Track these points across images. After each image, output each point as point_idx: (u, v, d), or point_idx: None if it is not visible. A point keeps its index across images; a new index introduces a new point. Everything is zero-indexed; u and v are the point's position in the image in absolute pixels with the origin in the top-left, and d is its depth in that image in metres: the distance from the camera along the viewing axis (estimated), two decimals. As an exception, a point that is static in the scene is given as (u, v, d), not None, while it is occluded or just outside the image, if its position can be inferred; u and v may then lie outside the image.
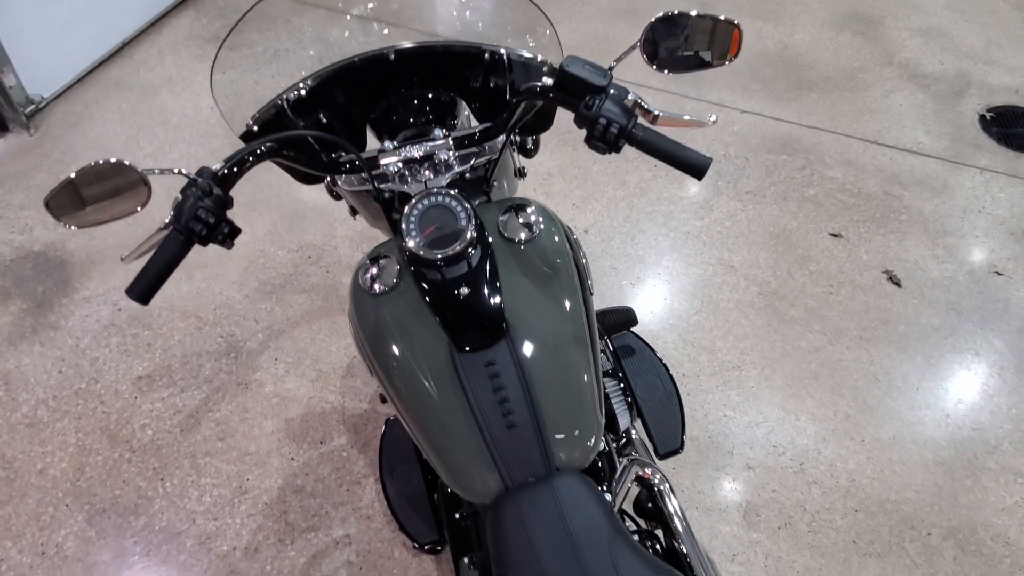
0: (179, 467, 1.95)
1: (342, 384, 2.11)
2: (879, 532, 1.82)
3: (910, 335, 2.22)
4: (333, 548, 1.80)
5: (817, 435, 2.00)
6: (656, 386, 1.70)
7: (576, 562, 1.03)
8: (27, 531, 1.84)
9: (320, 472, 1.93)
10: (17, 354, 2.20)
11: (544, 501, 1.08)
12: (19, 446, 2.00)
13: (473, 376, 1.10)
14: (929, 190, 2.65)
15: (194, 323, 2.27)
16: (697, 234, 2.53)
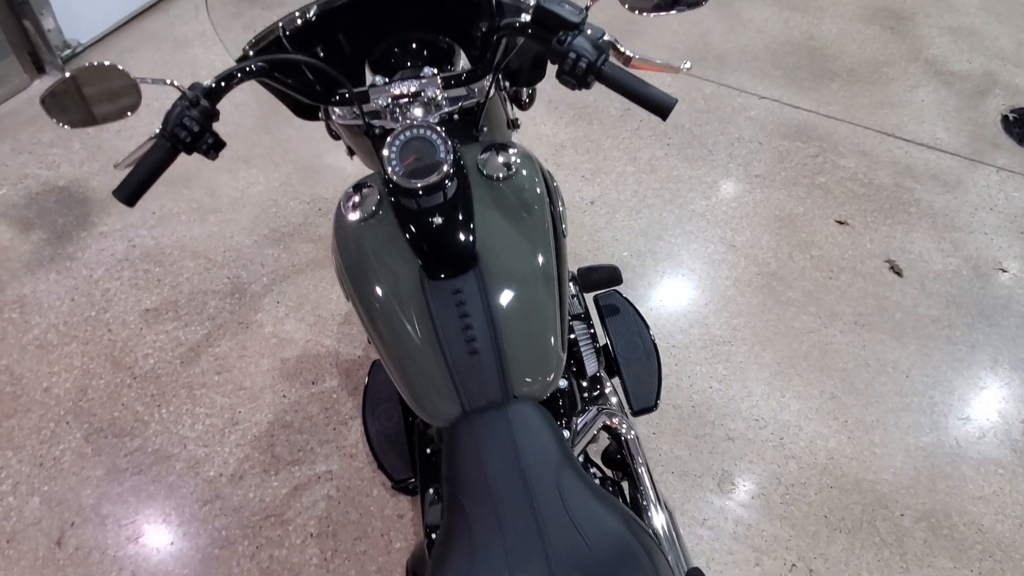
0: (176, 396, 2.01)
1: (339, 331, 2.16)
2: (851, 509, 1.82)
3: (906, 324, 2.20)
4: (315, 482, 1.85)
5: (800, 412, 2.00)
6: (636, 345, 1.72)
7: (523, 484, 1.06)
8: (28, 443, 1.92)
9: (309, 411, 1.98)
10: (34, 280, 2.29)
11: (498, 426, 1.11)
12: (28, 365, 2.08)
13: (440, 303, 1.13)
14: (942, 185, 2.62)
15: (203, 263, 2.34)
16: (702, 213, 2.53)
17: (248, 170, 2.64)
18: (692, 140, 2.79)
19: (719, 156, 2.73)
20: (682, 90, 2.98)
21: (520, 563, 1.02)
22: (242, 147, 2.72)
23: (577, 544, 1.03)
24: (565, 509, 1.06)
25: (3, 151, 2.69)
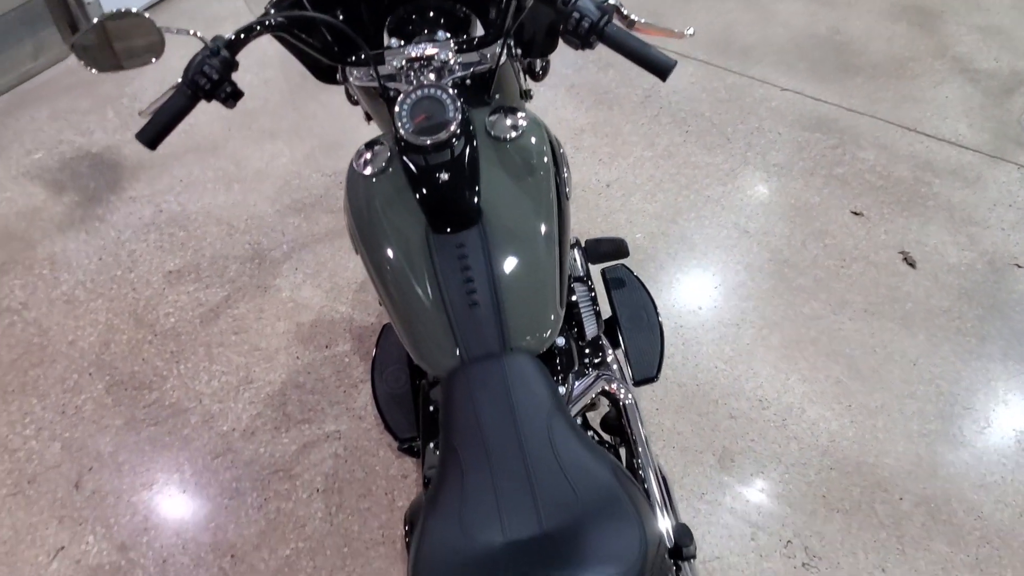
0: (194, 353, 2.07)
1: (354, 298, 2.21)
2: (850, 491, 1.82)
3: (916, 314, 2.19)
4: (324, 440, 1.90)
5: (804, 395, 2.00)
6: (641, 318, 1.73)
7: (514, 431, 1.09)
8: (52, 392, 1.99)
9: (321, 373, 2.03)
10: (64, 239, 2.36)
11: (494, 375, 1.14)
12: (55, 319, 2.15)
13: (444, 255, 1.16)
14: (961, 180, 2.60)
15: (226, 229, 2.40)
16: (717, 199, 2.53)
17: (274, 143, 2.70)
18: (711, 128, 2.79)
19: (737, 145, 2.73)
20: (704, 79, 2.98)
21: (509, 506, 1.04)
22: (269, 121, 2.78)
23: (564, 490, 1.05)
24: (555, 456, 1.09)
25: (41, 117, 2.78)
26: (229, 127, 2.76)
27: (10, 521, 1.75)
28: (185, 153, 2.66)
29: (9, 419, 1.93)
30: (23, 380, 2.01)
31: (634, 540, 0.97)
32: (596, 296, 1.56)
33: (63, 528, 1.74)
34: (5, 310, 2.18)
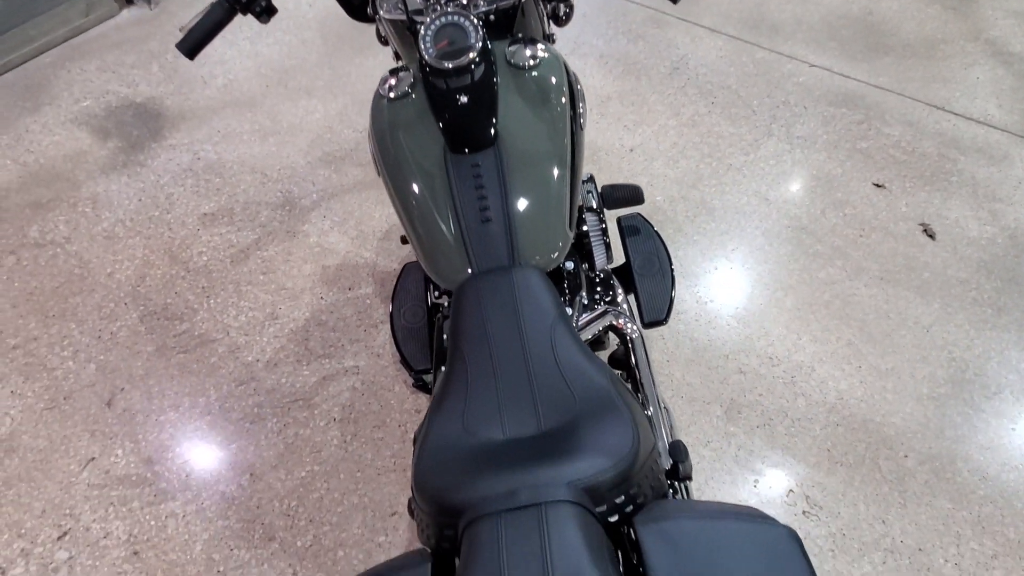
0: (224, 289, 2.14)
1: (378, 245, 2.26)
2: (855, 446, 1.82)
3: (933, 283, 2.18)
4: (342, 374, 1.95)
5: (815, 355, 2.00)
6: (653, 263, 1.75)
7: (519, 336, 1.13)
8: (89, 318, 2.07)
9: (343, 312, 2.08)
10: (107, 181, 2.45)
11: (502, 285, 1.18)
12: (95, 252, 2.23)
13: (460, 174, 1.20)
14: (987, 158, 2.57)
15: (259, 178, 2.46)
16: (739, 167, 2.54)
17: (309, 100, 2.76)
18: (737, 100, 2.79)
19: (762, 117, 2.72)
20: (732, 54, 2.97)
21: (510, 404, 1.08)
22: (305, 79, 2.84)
23: (563, 392, 1.09)
24: (555, 362, 1.12)
25: (90, 69, 2.88)
26: (267, 84, 2.83)
27: (46, 432, 1.83)
28: (223, 107, 2.73)
29: (49, 341, 2.02)
30: (63, 307, 2.10)
31: (626, 438, 1.00)
32: (607, 229, 1.58)
33: (94, 441, 1.81)
34: (49, 243, 2.26)
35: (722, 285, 2.16)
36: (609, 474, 0.96)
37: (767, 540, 0.89)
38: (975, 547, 1.65)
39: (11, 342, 2.01)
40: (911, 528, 1.68)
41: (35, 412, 1.87)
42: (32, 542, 1.65)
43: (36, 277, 2.17)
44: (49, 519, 1.68)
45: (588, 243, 1.51)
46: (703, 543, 0.90)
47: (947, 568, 1.62)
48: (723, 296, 2.13)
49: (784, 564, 0.86)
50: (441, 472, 0.99)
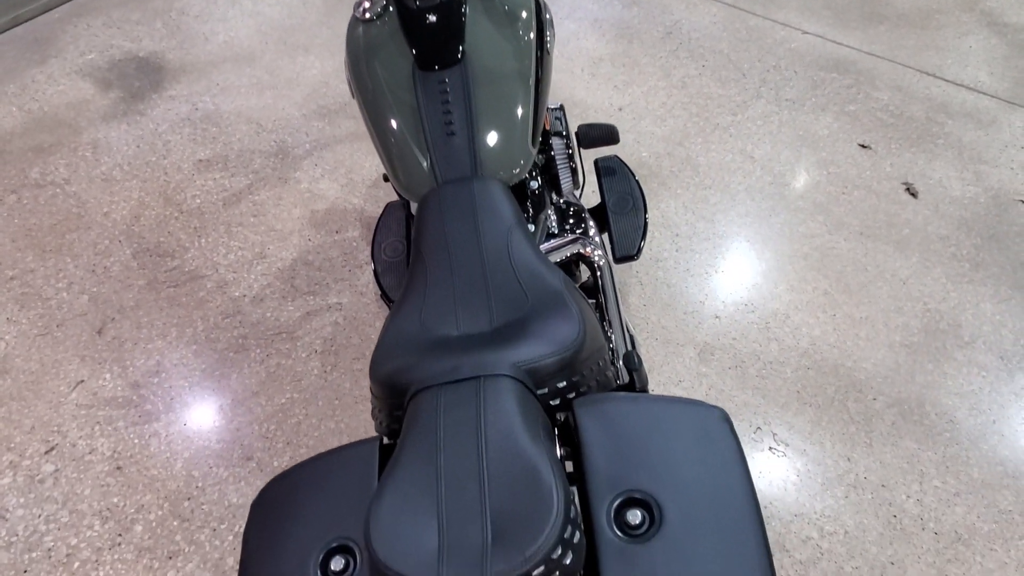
0: (215, 230, 2.17)
1: (367, 192, 2.28)
2: (825, 389, 1.83)
3: (912, 239, 2.17)
4: (326, 310, 1.98)
5: (791, 303, 2.01)
6: (627, 202, 1.77)
7: (476, 242, 1.15)
8: (84, 253, 2.11)
9: (330, 253, 2.11)
10: (107, 128, 2.48)
11: (463, 194, 1.20)
12: (92, 193, 2.27)
13: (427, 90, 1.23)
14: (975, 122, 2.55)
15: (255, 128, 2.49)
16: (726, 127, 2.54)
17: (306, 57, 2.79)
18: (727, 64, 2.78)
19: (752, 80, 2.72)
20: (726, 20, 2.97)
21: (465, 303, 1.10)
22: (304, 38, 2.86)
23: (516, 291, 1.11)
24: (511, 265, 1.14)
25: (96, 24, 2.91)
26: (266, 41, 2.86)
27: (38, 356, 1.87)
28: (223, 62, 2.76)
29: (45, 273, 2.06)
30: (60, 242, 2.14)
31: (572, 331, 1.02)
32: (574, 155, 1.60)
33: (84, 365, 1.85)
34: (49, 183, 2.31)
35: (702, 236, 2.17)
36: (552, 359, 0.98)
37: (698, 418, 0.91)
38: (938, 485, 1.66)
39: (8, 273, 2.05)
40: (875, 466, 1.69)
41: (28, 338, 1.91)
42: (20, 455, 1.69)
43: (35, 215, 2.21)
44: (38, 435, 1.72)
45: (555, 168, 1.53)
46: (636, 421, 0.91)
47: (909, 504, 1.62)
48: (702, 246, 2.14)
49: (713, 440, 0.88)
50: (393, 358, 1.01)
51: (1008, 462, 1.69)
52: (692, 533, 0.79)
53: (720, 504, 0.81)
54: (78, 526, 1.57)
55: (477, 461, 0.84)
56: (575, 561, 0.76)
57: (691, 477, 0.84)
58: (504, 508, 0.79)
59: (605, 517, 0.84)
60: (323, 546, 0.85)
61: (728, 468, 0.85)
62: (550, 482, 0.79)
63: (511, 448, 0.84)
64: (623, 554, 0.80)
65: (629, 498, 0.84)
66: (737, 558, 0.78)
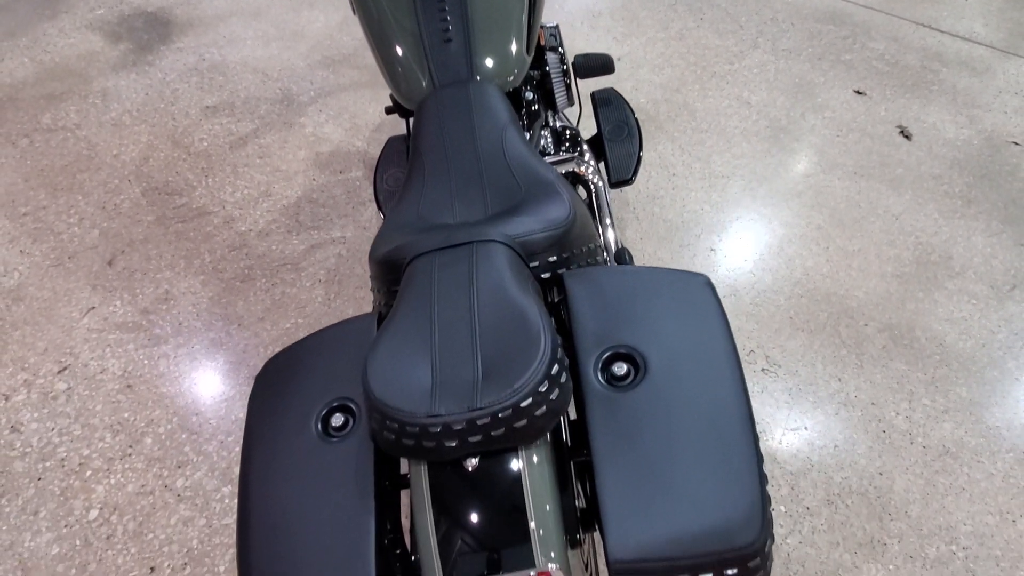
0: (222, 170, 2.19)
1: (370, 136, 2.29)
2: (817, 315, 1.84)
3: (906, 178, 2.17)
4: (329, 243, 1.99)
5: (784, 237, 2.02)
6: (623, 130, 1.78)
7: (472, 140, 1.17)
8: (95, 192, 2.13)
9: (334, 192, 2.13)
10: (116, 78, 2.50)
11: (459, 97, 1.22)
12: (102, 137, 2.29)
13: (425, 1, 1.25)
14: (969, 70, 2.54)
15: (261, 77, 2.51)
16: (723, 75, 2.54)
17: (311, 11, 2.80)
18: (725, 16, 2.78)
19: (749, 32, 2.71)
20: (724, -25, 2.96)
21: (461, 196, 1.12)
22: (308, -7, 2.87)
23: (510, 183, 1.12)
24: (505, 159, 1.16)
25: (105, -18, 2.93)
26: (272, -2, 2.87)
27: (50, 285, 1.90)
28: (230, 16, 2.77)
29: (57, 209, 2.08)
30: (71, 181, 2.16)
31: (563, 213, 1.03)
32: (568, 71, 1.61)
33: (95, 294, 1.88)
34: (60, 128, 2.33)
35: (698, 176, 2.18)
36: (542, 235, 1.00)
37: (682, 283, 0.92)
38: (927, 403, 1.67)
39: (22, 210, 2.08)
40: (865, 386, 1.70)
41: (41, 268, 1.94)
42: (34, 374, 1.72)
43: (47, 157, 2.23)
44: (51, 356, 1.75)
45: (550, 83, 1.54)
46: (623, 286, 0.93)
47: (898, 420, 1.63)
48: (698, 184, 2.15)
49: (697, 302, 0.89)
50: (391, 241, 1.03)
51: (997, 382, 1.70)
52: (675, 383, 0.81)
53: (703, 357, 0.83)
54: (90, 438, 1.60)
55: (469, 311, 0.86)
56: (561, 398, 0.78)
57: (675, 334, 0.85)
58: (494, 350, 0.81)
59: (592, 370, 0.85)
60: (323, 405, 0.87)
61: (711, 327, 0.86)
62: (538, 324, 0.80)
63: (502, 298, 0.86)
64: (609, 401, 0.82)
65: (615, 353, 0.86)
66: (718, 403, 0.79)
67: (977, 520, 1.47)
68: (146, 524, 1.46)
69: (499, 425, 0.74)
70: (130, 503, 1.49)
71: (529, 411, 0.75)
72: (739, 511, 0.73)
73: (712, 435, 0.78)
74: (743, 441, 0.77)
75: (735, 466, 0.75)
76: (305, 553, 0.78)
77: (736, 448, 0.76)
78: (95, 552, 1.42)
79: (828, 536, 1.45)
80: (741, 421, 0.78)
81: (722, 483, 0.74)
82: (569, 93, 1.56)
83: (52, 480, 1.53)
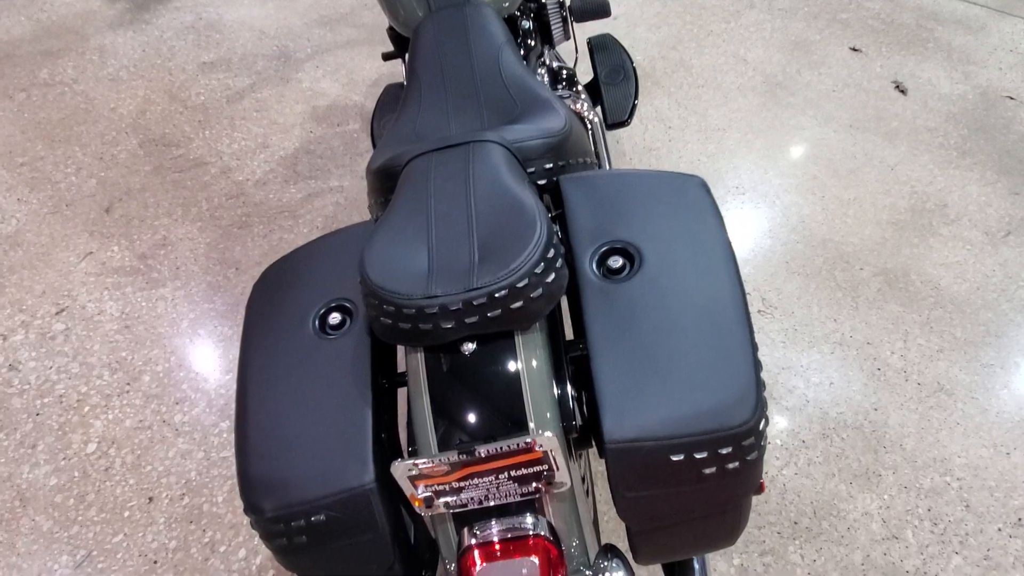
0: (219, 123, 2.17)
1: (367, 90, 2.27)
2: (813, 260, 1.83)
3: (901, 131, 2.16)
4: (327, 192, 1.98)
5: (780, 186, 2.00)
6: (619, 73, 1.76)
7: (468, 58, 1.15)
8: (92, 143, 2.11)
9: (331, 143, 2.11)
10: (114, 35, 2.48)
11: (455, 19, 1.20)
12: (100, 91, 2.27)
13: None
14: (965, 28, 2.53)
15: (258, 34, 2.48)
16: (720, 33, 2.52)
17: (308, -28, 2.77)
18: (722, -23, 2.75)
19: (746, -7, 2.69)
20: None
21: (457, 113, 1.10)
22: (305, -45, 2.84)
23: (506, 100, 1.11)
24: (501, 78, 1.14)
25: (102, -56, 2.89)
26: (269, -40, 2.84)
27: (48, 231, 1.88)
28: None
29: (54, 160, 2.06)
30: (68, 133, 2.14)
31: (559, 123, 1.02)
32: (565, 5, 1.59)
33: (93, 239, 1.86)
34: (57, 83, 2.30)
35: (694, 129, 2.16)
36: (538, 141, 0.98)
37: (678, 183, 0.91)
38: (922, 343, 1.66)
39: (19, 160, 2.06)
40: (861, 326, 1.69)
41: (39, 215, 1.92)
42: (32, 316, 1.70)
43: (44, 110, 2.21)
44: (48, 299, 1.73)
45: (546, 15, 1.52)
46: (619, 186, 0.92)
47: (893, 359, 1.63)
48: (694, 137, 2.13)
49: (692, 201, 0.88)
50: (387, 153, 1.01)
51: (992, 323, 1.69)
52: (670, 274, 0.80)
53: (698, 251, 0.82)
54: (88, 376, 1.58)
55: (466, 201, 0.85)
56: (557, 282, 0.77)
57: (670, 229, 0.84)
58: (490, 235, 0.79)
59: (588, 264, 0.84)
60: (321, 305, 0.85)
61: (706, 223, 0.85)
62: (534, 210, 0.79)
63: (498, 188, 0.85)
64: (605, 292, 0.81)
65: (611, 248, 0.84)
66: (713, 293, 0.78)
67: (971, 453, 1.47)
68: (144, 457, 1.45)
69: (495, 306, 0.73)
70: (128, 437, 1.48)
71: (525, 292, 0.74)
72: (733, 392, 0.72)
73: (707, 322, 0.76)
74: (738, 328, 0.76)
75: (729, 351, 0.74)
76: (302, 448, 0.77)
77: (731, 334, 0.75)
78: (93, 483, 1.41)
79: (823, 468, 1.45)
80: (736, 309, 0.77)
81: (717, 366, 0.73)
82: (566, 28, 1.54)
83: (50, 415, 1.52)
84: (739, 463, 0.72)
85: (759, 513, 1.37)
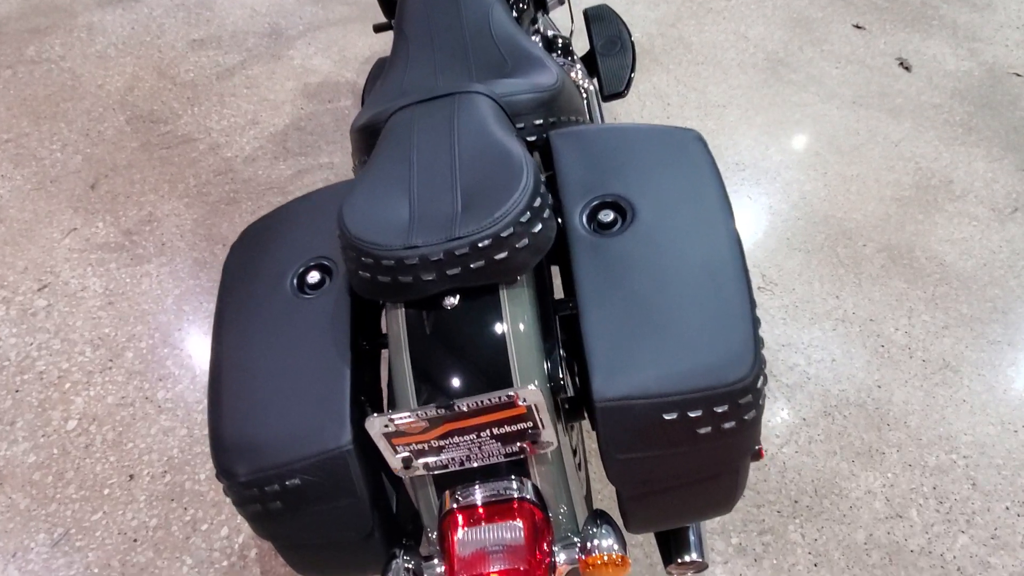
0: (208, 99, 2.12)
1: (359, 67, 2.22)
2: (815, 236, 1.78)
3: (905, 108, 2.10)
4: (317, 169, 1.93)
5: (782, 163, 1.95)
6: (615, 45, 1.71)
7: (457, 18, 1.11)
8: (78, 120, 2.06)
9: (322, 120, 2.06)
10: (102, 13, 2.42)
11: None
12: (87, 68, 2.22)
13: None
14: (970, 5, 2.47)
15: (249, 12, 2.43)
16: (720, 10, 2.46)
17: (301, -50, 2.71)
18: (723, -45, 2.70)
19: (747, -30, 2.63)
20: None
21: (445, 69, 1.06)
22: (299, -66, 2.78)
23: (496, 57, 1.06)
24: (491, 35, 1.09)
25: (92, -77, 2.84)
26: (262, -62, 2.78)
27: (32, 207, 1.83)
28: (219, -44, 2.69)
29: (39, 136, 2.01)
30: (55, 110, 2.09)
31: (550, 79, 0.98)
32: None
33: (77, 216, 1.81)
34: (45, 60, 2.25)
35: (693, 105, 2.11)
36: (528, 95, 0.94)
37: (672, 137, 0.87)
38: (927, 319, 1.61)
39: (3, 136, 2.01)
40: (864, 303, 1.64)
41: (23, 192, 1.87)
42: (13, 292, 1.65)
43: (30, 87, 2.16)
44: (31, 275, 1.69)
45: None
46: (611, 140, 0.87)
47: (897, 335, 1.58)
48: (693, 114, 2.08)
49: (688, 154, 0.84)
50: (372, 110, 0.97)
51: (998, 299, 1.64)
52: (664, 228, 0.76)
53: (693, 205, 0.78)
54: (70, 352, 1.54)
55: (450, 151, 0.80)
56: (544, 233, 0.72)
57: (664, 183, 0.80)
58: (475, 183, 0.75)
59: (578, 218, 0.80)
60: (300, 264, 0.82)
61: (701, 177, 0.81)
62: (520, 158, 0.75)
63: (484, 138, 0.80)
64: (595, 247, 0.76)
65: (602, 202, 0.81)
66: (709, 247, 0.74)
67: (978, 430, 1.42)
68: (126, 434, 1.41)
69: (479, 256, 0.68)
70: (109, 414, 1.44)
71: (510, 242, 0.69)
72: (730, 348, 0.67)
73: (703, 277, 0.72)
74: (734, 283, 0.72)
75: (726, 306, 0.70)
76: (277, 409, 0.72)
77: (727, 289, 0.71)
78: (72, 460, 1.37)
79: (825, 446, 1.40)
80: (733, 264, 0.73)
81: (712, 322, 0.69)
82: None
83: (30, 392, 1.47)
84: (736, 423, 0.67)
85: (758, 492, 1.33)
